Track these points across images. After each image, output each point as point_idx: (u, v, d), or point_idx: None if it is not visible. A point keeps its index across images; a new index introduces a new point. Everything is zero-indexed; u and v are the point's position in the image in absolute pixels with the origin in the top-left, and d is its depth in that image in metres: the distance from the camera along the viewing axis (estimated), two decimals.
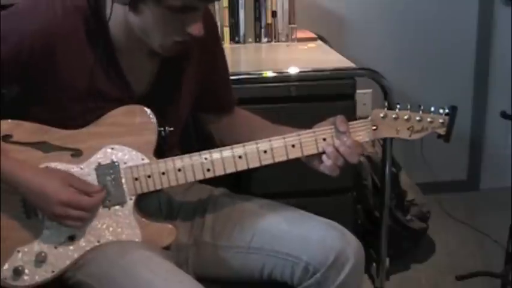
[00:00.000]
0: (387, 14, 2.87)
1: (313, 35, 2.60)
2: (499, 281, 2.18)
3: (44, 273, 1.33)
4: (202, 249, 1.46)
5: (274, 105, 1.94)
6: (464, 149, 3.14)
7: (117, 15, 1.28)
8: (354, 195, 2.18)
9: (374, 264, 2.32)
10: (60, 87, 1.32)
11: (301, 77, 2.02)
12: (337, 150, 1.35)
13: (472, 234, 2.74)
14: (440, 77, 2.94)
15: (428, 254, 2.59)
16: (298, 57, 2.35)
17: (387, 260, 2.29)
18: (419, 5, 2.88)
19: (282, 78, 2.00)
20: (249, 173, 1.37)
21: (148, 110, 1.36)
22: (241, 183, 1.68)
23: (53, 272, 1.33)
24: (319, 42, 2.56)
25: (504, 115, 2.12)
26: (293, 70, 2.03)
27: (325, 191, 2.04)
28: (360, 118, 1.38)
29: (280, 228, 1.40)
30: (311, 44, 2.51)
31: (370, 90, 2.61)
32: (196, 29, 1.27)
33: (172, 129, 1.41)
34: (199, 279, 1.31)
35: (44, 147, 1.33)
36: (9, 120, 1.33)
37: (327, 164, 1.36)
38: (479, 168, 3.18)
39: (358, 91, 2.04)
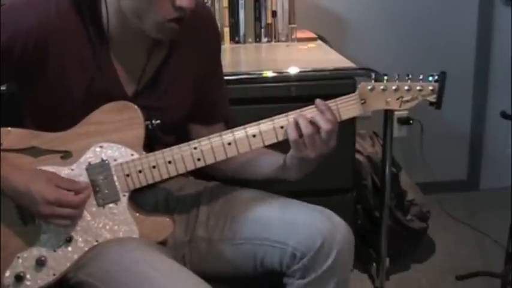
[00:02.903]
0: (387, 14, 2.87)
1: (313, 35, 2.60)
2: (499, 281, 2.17)
3: (46, 277, 1.33)
4: (197, 244, 1.46)
5: (274, 105, 1.93)
6: (464, 149, 3.13)
7: (111, 6, 1.29)
8: (354, 195, 2.18)
9: (374, 264, 2.32)
10: (54, 84, 1.32)
11: (301, 77, 2.02)
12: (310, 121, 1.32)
13: (472, 234, 2.74)
14: None
15: (428, 254, 2.59)
16: (298, 57, 2.34)
17: (387, 260, 2.28)
18: (419, 5, 2.88)
19: (282, 78, 2.00)
20: None
21: (133, 105, 1.35)
22: (241, 183, 1.67)
23: (54, 275, 1.33)
24: (319, 42, 2.56)
25: (504, 115, 2.12)
26: (293, 70, 2.03)
27: (325, 191, 2.04)
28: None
29: (268, 216, 1.40)
30: (311, 44, 2.51)
31: None
32: (185, 0, 1.24)
33: (159, 121, 1.40)
34: (197, 275, 1.29)
35: (34, 152, 1.33)
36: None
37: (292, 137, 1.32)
38: (479, 168, 3.17)
39: None
